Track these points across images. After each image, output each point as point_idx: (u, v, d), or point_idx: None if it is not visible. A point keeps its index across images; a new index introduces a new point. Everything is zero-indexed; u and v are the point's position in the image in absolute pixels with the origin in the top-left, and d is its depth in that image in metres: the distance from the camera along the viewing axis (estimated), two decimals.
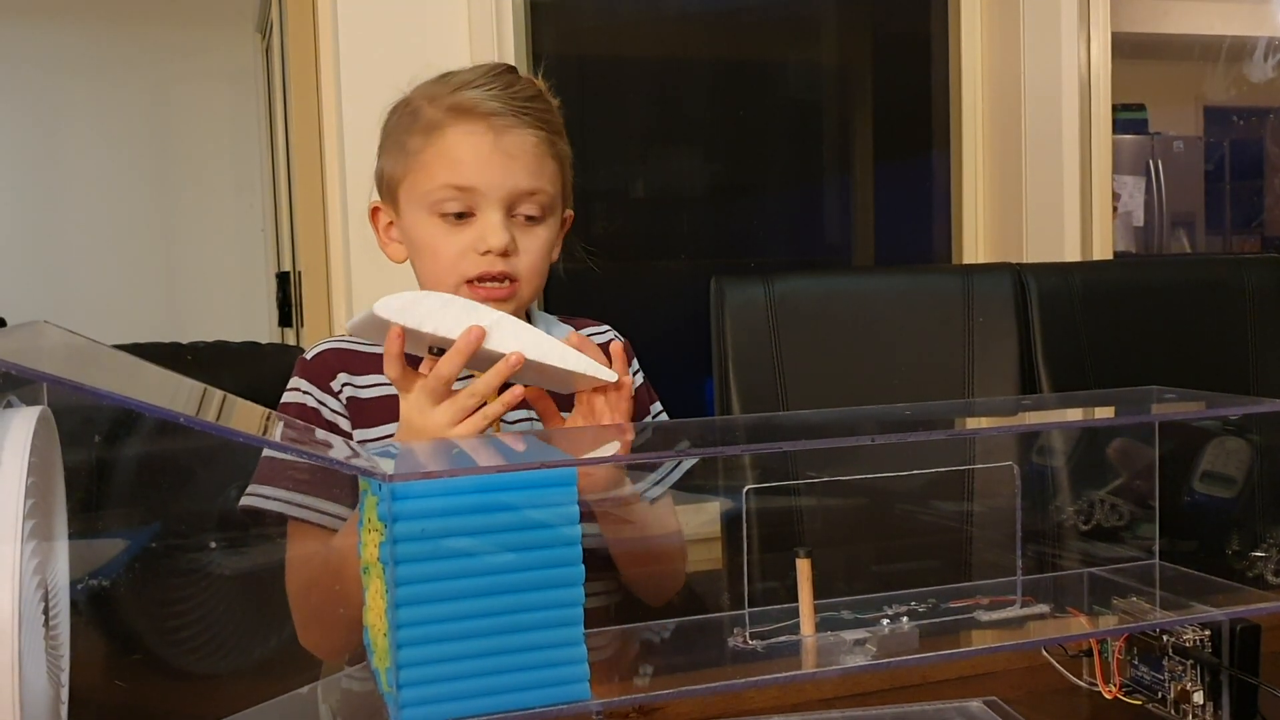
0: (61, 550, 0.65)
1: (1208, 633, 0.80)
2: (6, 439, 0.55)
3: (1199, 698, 0.80)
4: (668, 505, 1.07)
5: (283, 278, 2.86)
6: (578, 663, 0.60)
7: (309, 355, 1.07)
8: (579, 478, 0.60)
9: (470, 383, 0.83)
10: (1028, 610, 0.74)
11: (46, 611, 0.61)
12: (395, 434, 0.92)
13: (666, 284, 2.55)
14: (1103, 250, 2.40)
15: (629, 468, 1.11)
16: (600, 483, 0.92)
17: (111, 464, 0.96)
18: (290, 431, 0.68)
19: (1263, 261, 1.99)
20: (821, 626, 0.70)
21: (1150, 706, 0.83)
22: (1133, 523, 0.92)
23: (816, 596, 0.70)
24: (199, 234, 3.81)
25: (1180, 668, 0.81)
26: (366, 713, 0.71)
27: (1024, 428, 0.89)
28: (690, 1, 2.59)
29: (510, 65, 1.08)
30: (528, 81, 1.06)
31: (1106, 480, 1.01)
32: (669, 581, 1.07)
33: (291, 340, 2.79)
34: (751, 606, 0.70)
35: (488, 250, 1.01)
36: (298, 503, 0.99)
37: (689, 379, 2.10)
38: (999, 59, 2.49)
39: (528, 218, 1.03)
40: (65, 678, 0.64)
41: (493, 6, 1.98)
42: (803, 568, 0.70)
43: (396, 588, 0.56)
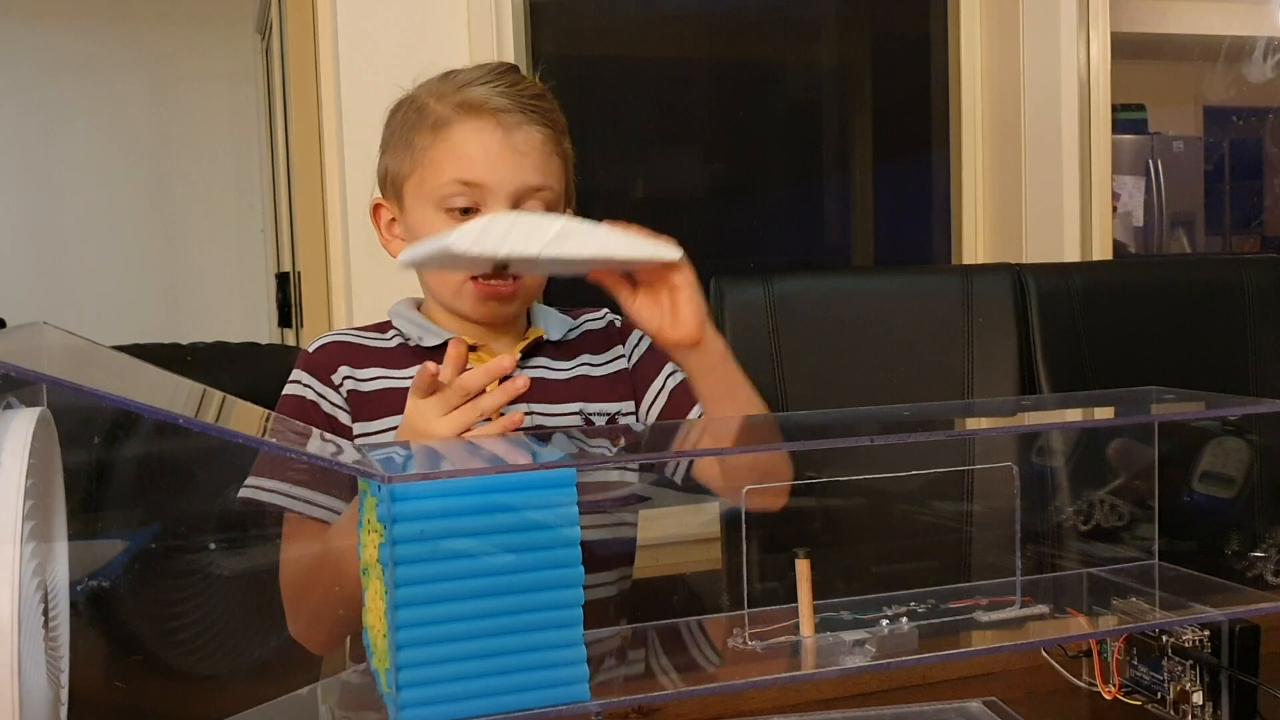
0: (61, 551, 0.65)
1: (1207, 633, 0.79)
2: (6, 440, 0.55)
3: (1198, 698, 0.80)
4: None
5: (282, 278, 2.86)
6: (577, 663, 0.60)
7: (311, 348, 1.07)
8: None
9: (478, 400, 0.85)
10: (1027, 611, 0.74)
11: (46, 612, 0.61)
12: (396, 433, 0.92)
13: None
14: (1102, 250, 2.40)
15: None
16: None
17: (111, 465, 0.96)
18: (290, 432, 0.68)
19: (1262, 261, 1.99)
20: (821, 627, 0.70)
21: (1150, 707, 0.83)
22: (1132, 523, 0.92)
23: (816, 597, 0.70)
24: (199, 234, 3.81)
25: (1180, 668, 0.81)
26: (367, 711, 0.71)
27: (1024, 428, 0.89)
28: (690, 1, 2.59)
29: (514, 64, 1.09)
30: (531, 80, 1.07)
31: (1106, 480, 1.01)
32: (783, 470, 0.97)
33: (291, 341, 2.79)
34: (751, 607, 0.70)
35: None
36: (296, 496, 0.99)
37: None
38: (999, 59, 2.49)
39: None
40: (65, 678, 0.64)
41: (493, 6, 1.98)
42: (802, 568, 0.70)
43: (396, 589, 0.56)
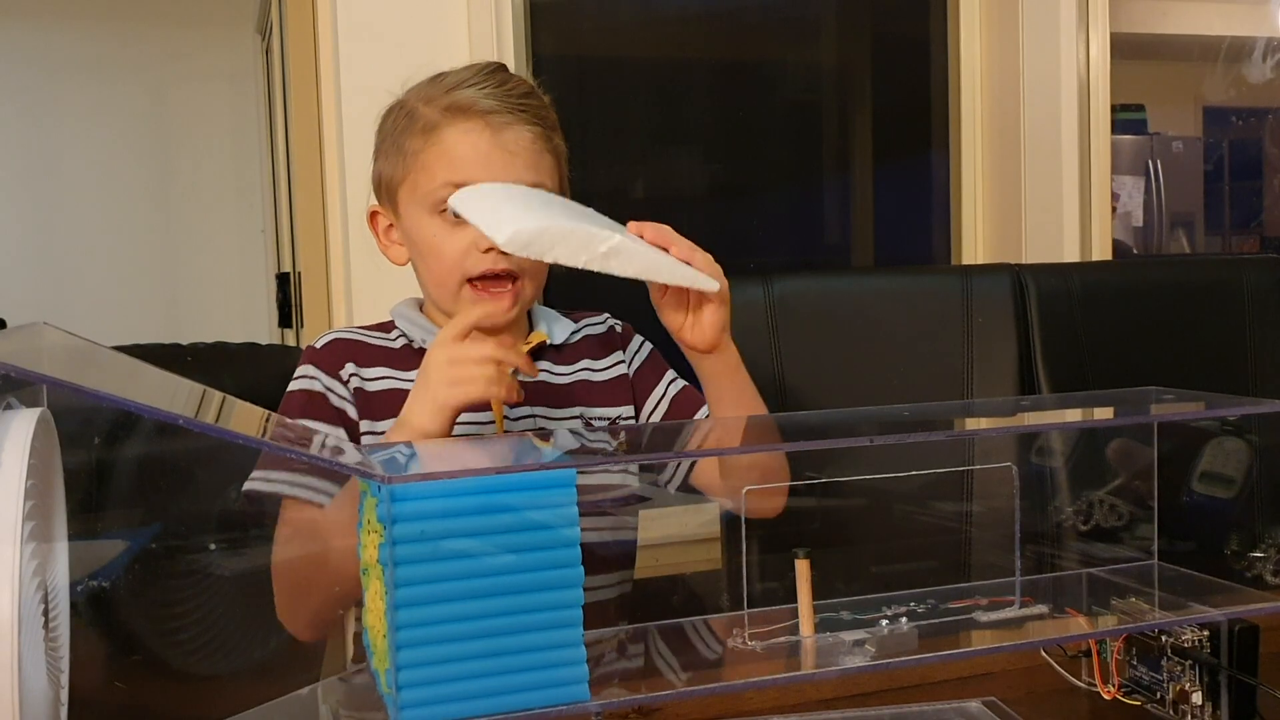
0: (61, 551, 0.65)
1: (1206, 633, 0.80)
2: (6, 441, 0.55)
3: (1197, 698, 0.80)
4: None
5: (282, 279, 2.86)
6: (577, 663, 0.60)
7: (319, 344, 1.07)
8: None
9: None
10: (1026, 611, 0.74)
11: (46, 613, 0.61)
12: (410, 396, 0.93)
13: None
14: (1102, 251, 2.40)
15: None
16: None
17: (111, 465, 0.96)
18: (293, 430, 0.68)
19: (1261, 262, 1.99)
20: (821, 627, 0.70)
21: (1149, 707, 0.83)
22: (1131, 523, 0.92)
23: (815, 597, 0.70)
24: (199, 235, 3.81)
25: (1179, 668, 0.81)
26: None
27: (1023, 428, 0.89)
28: (690, 1, 2.59)
29: (501, 64, 1.09)
30: (520, 79, 1.07)
31: (1105, 481, 1.01)
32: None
33: (291, 341, 2.79)
34: (751, 607, 0.70)
35: (490, 248, 1.01)
36: (299, 483, 0.98)
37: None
38: (998, 59, 2.49)
39: None
40: (65, 679, 0.64)
41: (492, 6, 1.98)
42: (802, 568, 0.70)
43: (396, 589, 0.56)
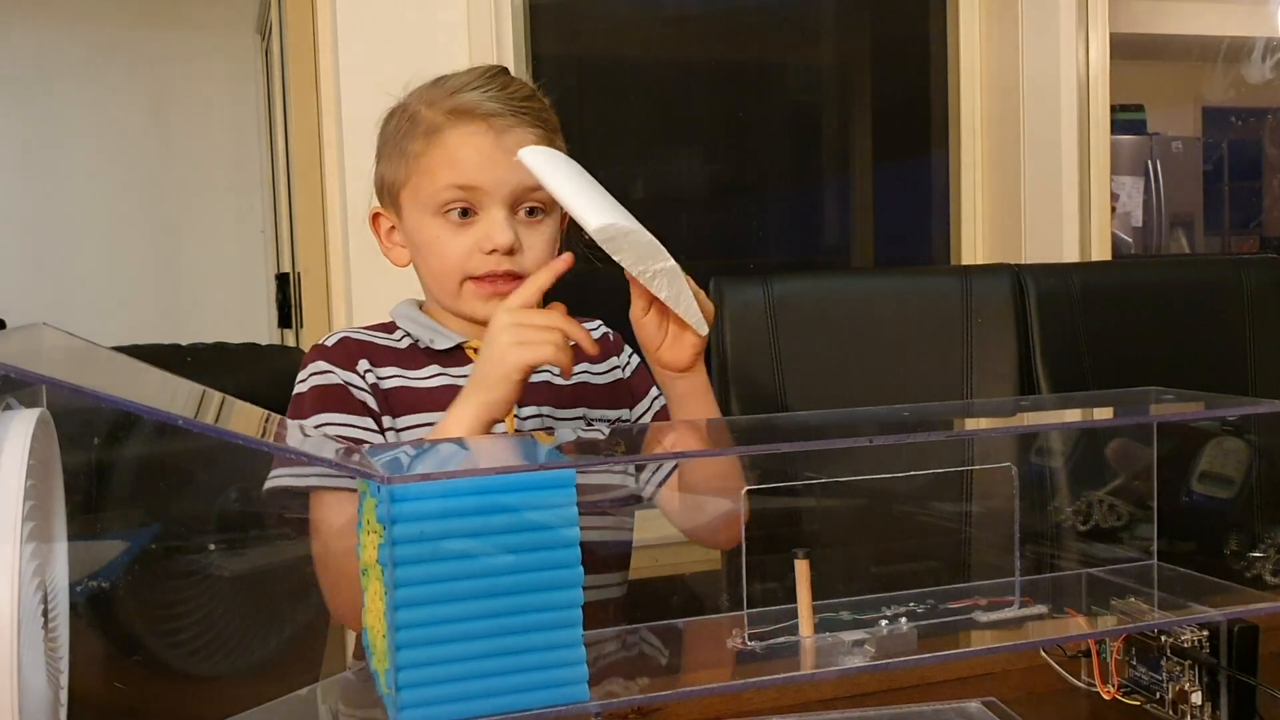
0: (61, 552, 0.65)
1: (1206, 633, 0.80)
2: (6, 441, 0.55)
3: (1197, 698, 0.80)
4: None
5: (282, 279, 2.86)
6: (577, 664, 0.60)
7: (328, 342, 1.07)
8: None
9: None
10: (1026, 611, 0.74)
11: (46, 613, 0.61)
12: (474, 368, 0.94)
13: None
14: (1101, 251, 2.40)
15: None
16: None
17: (110, 466, 0.96)
18: (294, 433, 0.68)
19: (1261, 262, 1.99)
20: (820, 627, 0.70)
21: (1148, 707, 0.83)
22: (1131, 523, 0.92)
23: (815, 597, 0.70)
24: (198, 235, 3.81)
25: (1178, 668, 0.81)
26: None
27: (1023, 428, 0.89)
28: (690, 2, 2.59)
29: (503, 67, 1.10)
30: (521, 82, 1.07)
31: (1105, 481, 1.01)
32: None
33: (291, 341, 2.79)
34: (750, 607, 0.70)
35: (493, 249, 1.02)
36: (329, 473, 0.96)
37: None
38: (998, 60, 2.49)
39: (530, 211, 1.04)
40: (64, 679, 0.64)
41: (492, 7, 1.98)
42: (801, 569, 0.70)
43: (395, 590, 0.56)
